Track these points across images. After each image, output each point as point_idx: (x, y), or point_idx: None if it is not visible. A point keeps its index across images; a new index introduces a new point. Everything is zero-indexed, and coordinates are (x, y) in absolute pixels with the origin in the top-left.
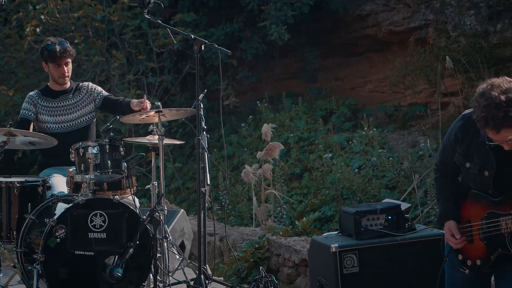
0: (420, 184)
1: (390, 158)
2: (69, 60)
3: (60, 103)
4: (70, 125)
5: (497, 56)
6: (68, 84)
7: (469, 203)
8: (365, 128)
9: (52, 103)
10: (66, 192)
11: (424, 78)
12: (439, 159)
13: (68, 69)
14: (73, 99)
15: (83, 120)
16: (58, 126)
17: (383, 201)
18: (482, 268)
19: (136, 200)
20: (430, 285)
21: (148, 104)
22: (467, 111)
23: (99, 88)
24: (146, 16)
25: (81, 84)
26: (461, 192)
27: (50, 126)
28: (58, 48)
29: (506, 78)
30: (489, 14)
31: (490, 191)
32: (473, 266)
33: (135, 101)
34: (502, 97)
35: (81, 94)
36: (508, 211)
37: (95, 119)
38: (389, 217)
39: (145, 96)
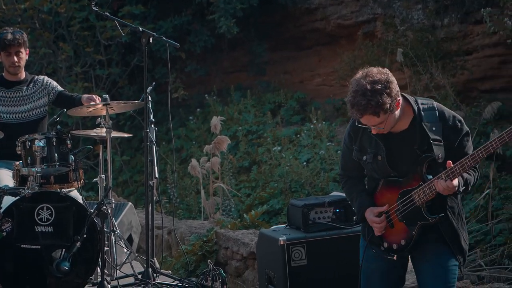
0: None
1: (338, 151)
2: (21, 49)
3: (14, 93)
4: (21, 116)
5: (444, 50)
6: (23, 75)
7: (381, 193)
8: (314, 121)
9: (5, 93)
10: (12, 185)
11: None
12: (340, 166)
13: (20, 59)
14: (27, 91)
15: (35, 113)
16: (11, 117)
17: (331, 194)
18: (407, 246)
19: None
20: None
21: (98, 100)
22: None
23: (54, 83)
24: (94, 8)
25: (36, 77)
26: (372, 188)
27: (2, 116)
28: (9, 36)
29: (383, 70)
30: (437, 8)
31: (392, 174)
32: (399, 248)
33: (85, 96)
34: (369, 86)
35: (35, 87)
36: (417, 184)
37: (47, 114)
38: (337, 210)
39: (98, 100)
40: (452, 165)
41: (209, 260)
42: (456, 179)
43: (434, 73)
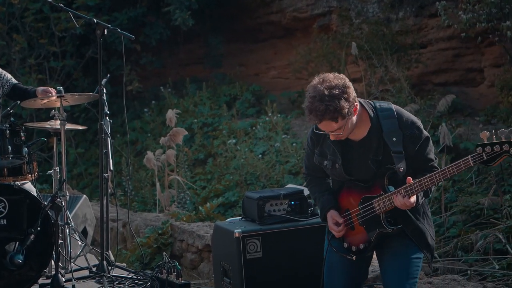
0: None
1: (294, 144)
2: None
3: None
4: None
5: (398, 43)
6: None
7: (345, 194)
8: (269, 114)
9: None
10: None
11: (328, 64)
12: (304, 165)
13: None
14: None
15: None
16: None
17: (286, 186)
18: (366, 251)
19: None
20: None
21: (54, 92)
22: None
23: (9, 75)
24: None
25: None
26: (336, 188)
27: None
28: None
29: (339, 75)
30: (392, 2)
31: (352, 178)
32: (358, 251)
33: (40, 88)
34: (326, 92)
35: None
36: (378, 193)
37: (0, 107)
38: (292, 203)
39: (54, 92)
40: (411, 181)
41: (164, 253)
42: (414, 196)
43: (389, 66)
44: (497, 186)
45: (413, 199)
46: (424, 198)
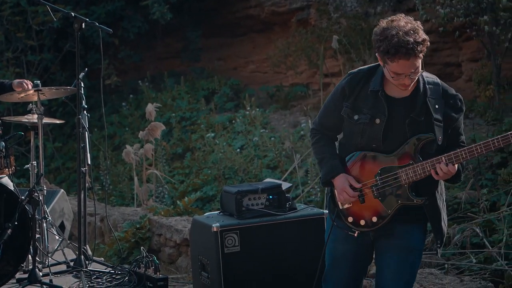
0: (301, 164)
1: (272, 138)
2: None
3: None
4: None
5: None
6: None
7: (355, 165)
8: (248, 108)
9: None
10: None
11: (306, 59)
12: (318, 122)
13: None
14: None
15: None
16: None
17: (265, 180)
18: (378, 224)
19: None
20: (310, 264)
21: (29, 85)
22: (352, 71)
23: None
24: None
25: None
26: (342, 158)
27: None
28: None
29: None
30: None
31: (375, 145)
32: (367, 224)
33: (16, 81)
34: (409, 26)
35: None
36: (405, 163)
37: None
38: (270, 197)
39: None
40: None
41: (142, 247)
42: (457, 165)
43: (367, 61)
44: (474, 180)
45: (456, 167)
46: (461, 175)
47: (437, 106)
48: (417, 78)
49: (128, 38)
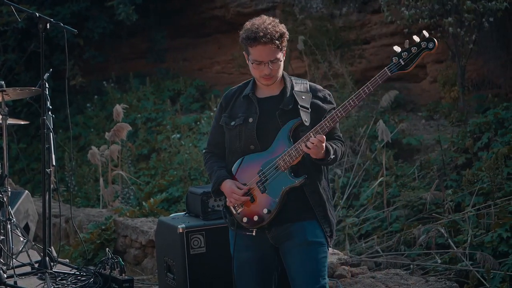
0: None
1: None
2: None
3: None
4: None
5: (342, 39)
6: None
7: (239, 171)
8: (213, 109)
9: None
10: None
11: None
12: (207, 142)
13: None
14: None
15: None
16: None
17: None
18: (270, 215)
19: None
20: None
21: None
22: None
23: None
24: None
25: None
26: (231, 168)
27: None
28: None
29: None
30: None
31: (252, 145)
32: (260, 218)
33: None
34: (270, 20)
35: None
36: (282, 151)
37: None
38: None
39: None
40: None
41: (107, 249)
42: (324, 138)
43: (332, 62)
44: (439, 181)
45: (324, 138)
46: (334, 157)
47: (303, 97)
48: (280, 73)
49: (93, 39)
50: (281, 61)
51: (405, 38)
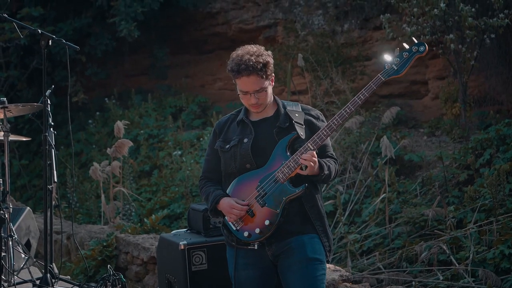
0: None
1: None
2: None
3: None
4: None
5: (344, 55)
6: None
7: (236, 190)
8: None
9: None
10: None
11: (273, 76)
12: (202, 170)
13: None
14: None
15: None
16: None
17: None
18: (272, 226)
19: None
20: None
21: None
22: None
23: None
24: None
25: None
26: (228, 189)
27: None
28: None
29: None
30: (337, 14)
31: (248, 164)
32: (262, 230)
33: None
34: (255, 49)
35: None
36: (279, 164)
37: None
38: None
39: None
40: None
41: (109, 265)
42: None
43: (334, 78)
44: (441, 197)
45: (315, 153)
46: (328, 173)
47: (297, 115)
48: (268, 100)
49: (95, 55)
50: (267, 89)
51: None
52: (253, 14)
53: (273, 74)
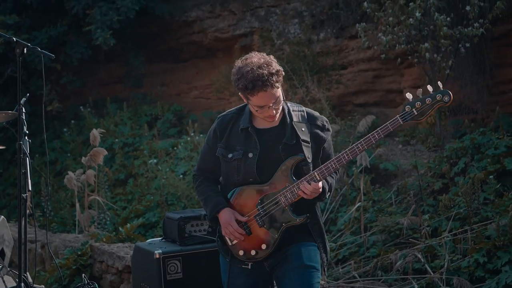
0: None
1: None
2: None
3: None
4: None
5: (319, 64)
6: None
7: (236, 201)
8: (191, 134)
9: None
10: None
11: None
12: (197, 167)
13: None
14: None
15: None
16: None
17: None
18: (268, 250)
19: None
20: None
21: None
22: (221, 114)
23: None
24: None
25: None
26: (227, 196)
27: None
28: None
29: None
30: (313, 23)
31: (251, 179)
32: (258, 253)
33: None
34: (262, 60)
35: None
36: (282, 187)
37: None
38: None
39: None
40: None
41: (83, 274)
42: (321, 182)
43: (310, 87)
44: (416, 206)
45: (321, 184)
46: (329, 193)
47: (303, 129)
48: (281, 107)
49: (70, 64)
50: (281, 97)
51: (382, 64)
52: (229, 23)
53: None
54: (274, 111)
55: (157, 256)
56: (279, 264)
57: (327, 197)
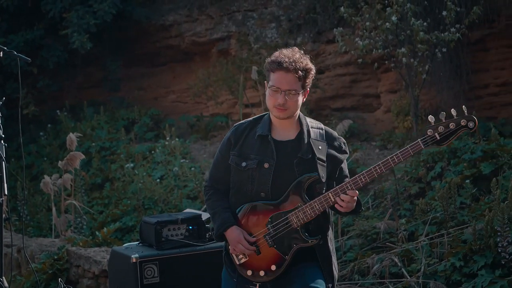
0: None
1: (192, 168)
2: None
3: None
4: None
5: None
6: None
7: (245, 218)
8: (168, 138)
9: None
10: None
11: (227, 89)
12: (209, 177)
13: None
14: None
15: None
16: None
17: (185, 211)
18: (278, 271)
19: None
20: None
21: None
22: (237, 123)
23: None
24: None
25: None
26: (233, 212)
27: None
28: None
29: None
30: (290, 27)
31: (263, 193)
32: (268, 274)
33: None
34: (299, 54)
35: None
36: (293, 206)
37: None
38: (190, 227)
39: None
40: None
41: (59, 279)
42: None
43: None
44: (393, 210)
45: (357, 192)
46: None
47: (320, 148)
48: (295, 111)
49: (47, 67)
50: (299, 95)
51: (359, 68)
52: (206, 27)
53: (309, 88)
54: (284, 100)
55: (134, 260)
56: (282, 285)
57: (363, 209)
